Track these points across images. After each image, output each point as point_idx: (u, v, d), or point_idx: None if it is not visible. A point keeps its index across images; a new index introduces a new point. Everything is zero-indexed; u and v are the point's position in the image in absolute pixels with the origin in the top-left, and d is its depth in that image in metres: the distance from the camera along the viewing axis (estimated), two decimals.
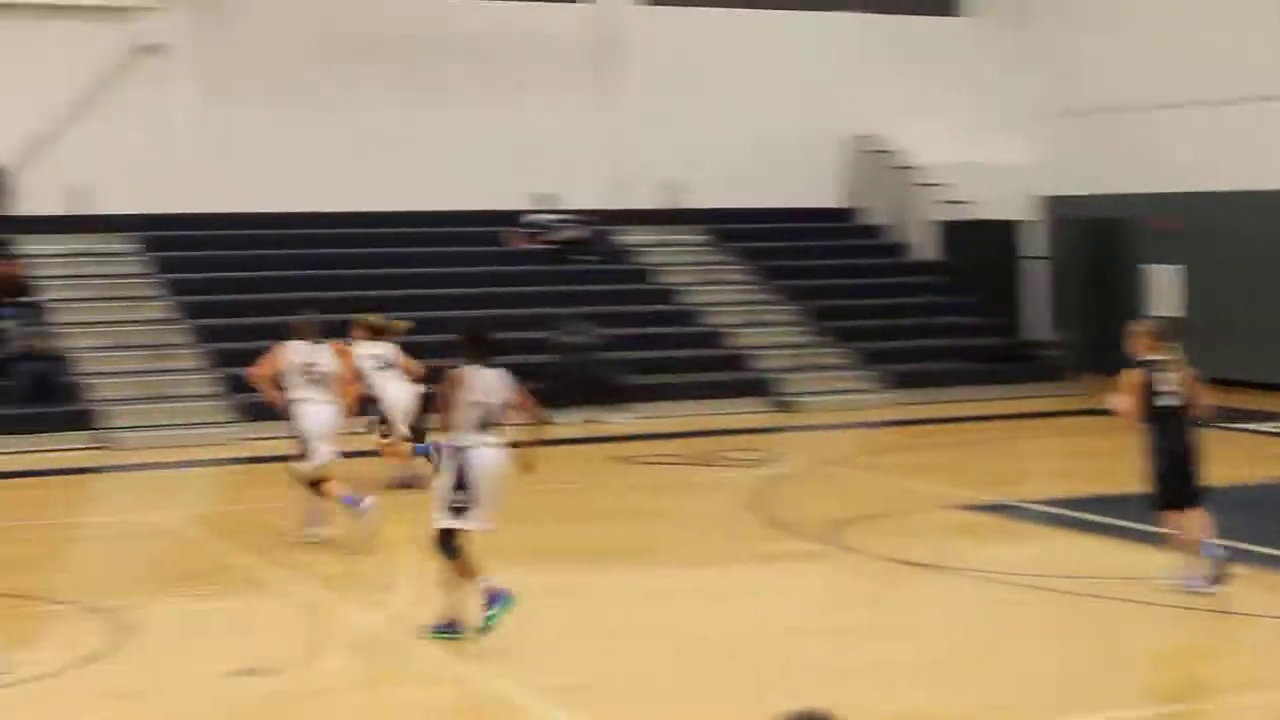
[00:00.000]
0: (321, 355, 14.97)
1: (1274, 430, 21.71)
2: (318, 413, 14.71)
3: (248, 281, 25.31)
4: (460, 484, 10.99)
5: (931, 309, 27.81)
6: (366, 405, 17.12)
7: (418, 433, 17.51)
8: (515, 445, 11.37)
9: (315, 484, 14.71)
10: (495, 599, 10.84)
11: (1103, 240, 28.67)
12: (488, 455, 11.05)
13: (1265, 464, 18.94)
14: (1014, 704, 9.79)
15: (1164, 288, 27.13)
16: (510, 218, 27.55)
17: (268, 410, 15.98)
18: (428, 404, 15.76)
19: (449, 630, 11.03)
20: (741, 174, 28.70)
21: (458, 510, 10.97)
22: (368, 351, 17.47)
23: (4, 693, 10.04)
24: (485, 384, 11.11)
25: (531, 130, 27.91)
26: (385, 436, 17.67)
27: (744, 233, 28.74)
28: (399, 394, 17.57)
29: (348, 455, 15.72)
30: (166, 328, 24.17)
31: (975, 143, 28.96)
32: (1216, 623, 11.74)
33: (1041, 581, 12.78)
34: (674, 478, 19.21)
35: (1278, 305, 25.70)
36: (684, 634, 11.42)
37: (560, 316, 24.63)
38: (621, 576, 13.88)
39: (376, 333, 17.95)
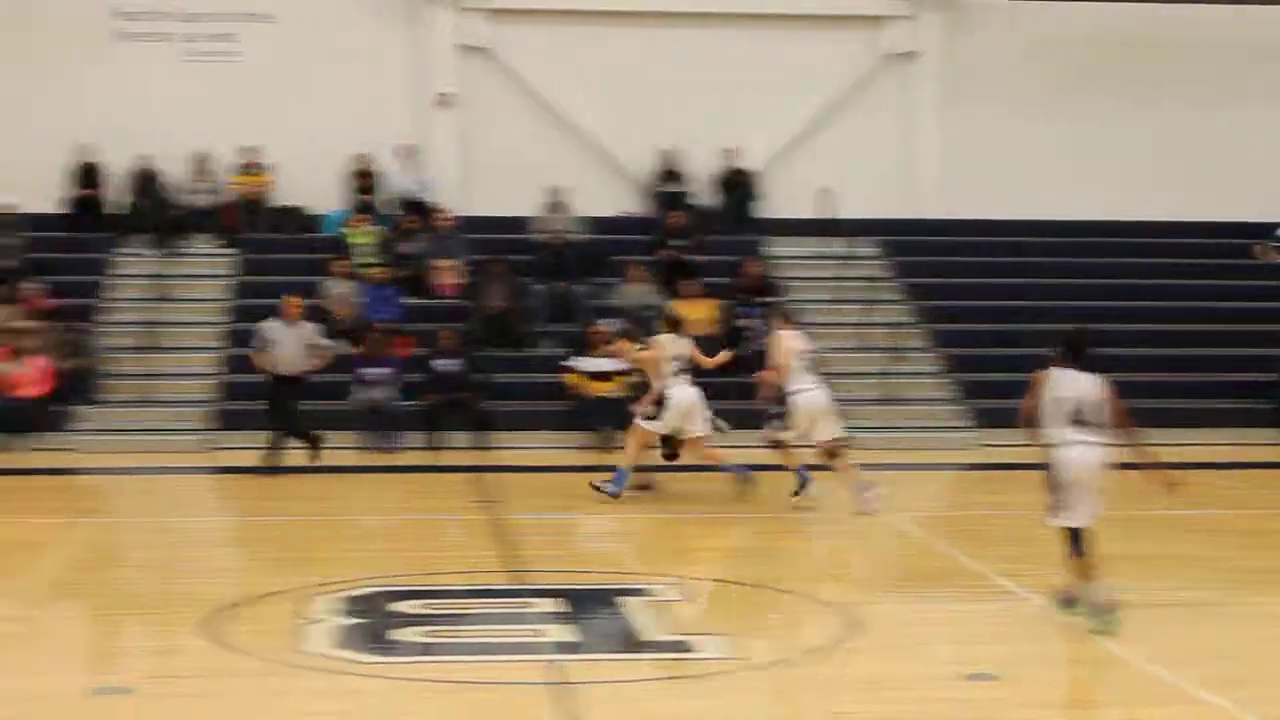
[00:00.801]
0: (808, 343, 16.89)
1: None
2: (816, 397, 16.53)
3: (983, 288, 25.17)
4: (1053, 482, 11.26)
5: None
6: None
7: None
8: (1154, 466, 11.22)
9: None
10: (1069, 601, 11.39)
11: None
12: (1076, 453, 11.19)
13: None
14: None
15: None
16: (1262, 230, 26.23)
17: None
18: None
19: (1068, 604, 11.39)
20: None
21: (1053, 509, 11.31)
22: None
23: (740, 675, 10.17)
24: (1073, 385, 11.23)
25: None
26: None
27: None
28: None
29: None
30: (905, 331, 24.28)
31: None
32: None
33: None
34: None
35: None
36: None
37: None
38: None
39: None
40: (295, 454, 19.18)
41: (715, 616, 11.87)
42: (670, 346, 17.42)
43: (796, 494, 16.96)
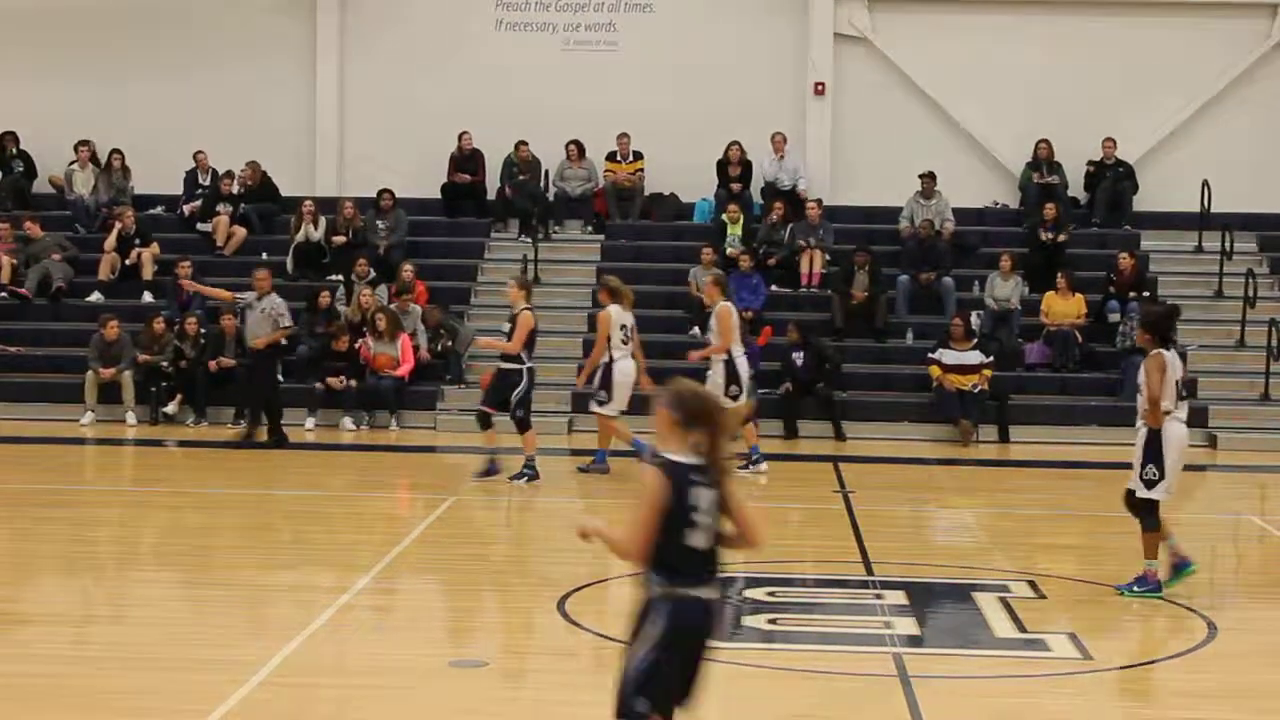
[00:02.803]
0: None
1: None
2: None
3: None
4: (1153, 457, 11.93)
5: None
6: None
7: None
8: None
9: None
10: (1180, 567, 12.04)
11: None
12: (1179, 430, 12.00)
13: None
14: None
15: None
16: None
17: None
18: None
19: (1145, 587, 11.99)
20: None
21: (1149, 482, 11.99)
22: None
23: (1089, 678, 9.98)
24: (1175, 364, 11.98)
25: None
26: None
27: None
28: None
29: None
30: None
31: None
32: None
33: None
34: None
35: None
36: None
37: None
38: None
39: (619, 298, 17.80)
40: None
41: (1068, 616, 11.64)
42: (617, 317, 17.57)
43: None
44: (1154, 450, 11.93)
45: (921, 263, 24.05)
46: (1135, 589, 12.05)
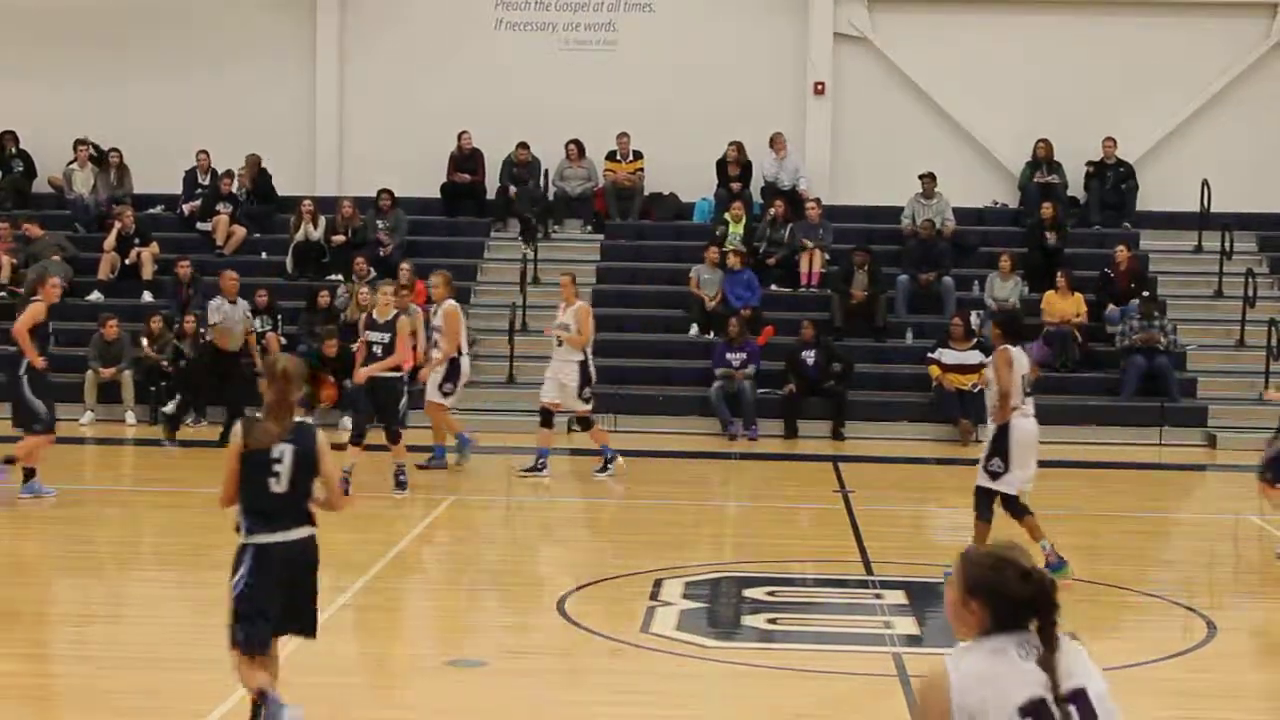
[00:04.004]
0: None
1: None
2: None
3: None
4: (999, 450, 12.10)
5: None
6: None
7: None
8: None
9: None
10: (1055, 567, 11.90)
11: None
12: (1027, 424, 12.17)
13: None
14: None
15: None
16: None
17: None
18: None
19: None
20: None
21: (993, 474, 12.17)
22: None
23: None
24: (1022, 360, 12.17)
25: None
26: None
27: None
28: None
29: None
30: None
31: None
32: None
33: None
34: None
35: None
36: None
37: None
38: None
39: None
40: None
41: (1067, 615, 11.60)
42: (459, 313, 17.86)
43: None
44: (1000, 444, 12.12)
45: (922, 262, 24.03)
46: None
